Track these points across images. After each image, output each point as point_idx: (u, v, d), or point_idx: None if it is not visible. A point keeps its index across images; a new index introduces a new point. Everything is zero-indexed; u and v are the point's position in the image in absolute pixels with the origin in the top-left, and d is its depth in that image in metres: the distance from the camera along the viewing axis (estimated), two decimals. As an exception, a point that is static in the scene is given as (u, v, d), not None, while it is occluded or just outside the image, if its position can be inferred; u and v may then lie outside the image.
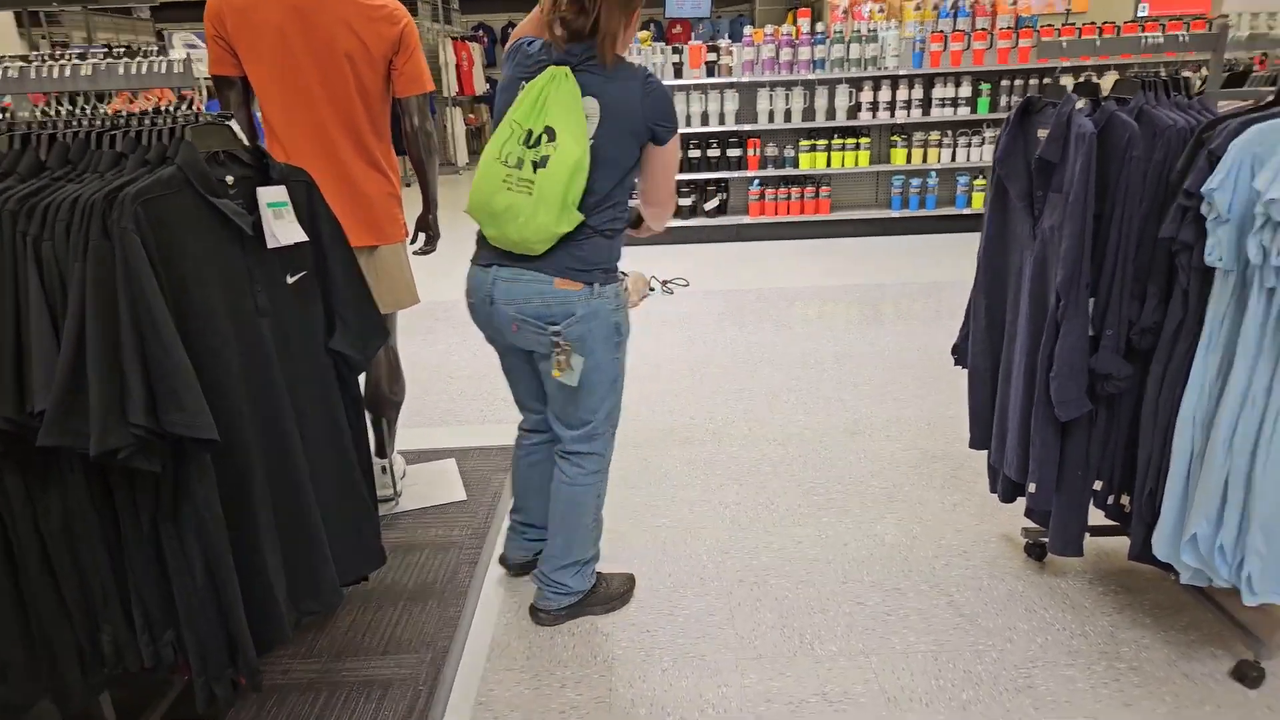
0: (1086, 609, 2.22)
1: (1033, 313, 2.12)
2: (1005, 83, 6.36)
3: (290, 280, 1.55)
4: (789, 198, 6.49)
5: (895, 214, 6.61)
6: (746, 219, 6.58)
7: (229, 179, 1.42)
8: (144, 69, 1.43)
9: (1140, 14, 9.49)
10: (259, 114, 2.48)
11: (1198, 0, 6.71)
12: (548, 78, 1.83)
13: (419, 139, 2.56)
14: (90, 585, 1.39)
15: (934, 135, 6.44)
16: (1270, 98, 1.82)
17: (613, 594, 2.30)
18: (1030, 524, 2.45)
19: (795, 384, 3.80)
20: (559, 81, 1.82)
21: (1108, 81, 2.15)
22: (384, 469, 2.85)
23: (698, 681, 2.01)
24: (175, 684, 1.92)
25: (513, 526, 2.43)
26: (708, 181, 6.60)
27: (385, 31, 2.39)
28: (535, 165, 1.79)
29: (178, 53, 2.66)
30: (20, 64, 1.39)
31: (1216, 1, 6.85)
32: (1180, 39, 2.14)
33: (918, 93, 6.36)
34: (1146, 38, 2.15)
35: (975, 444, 2.48)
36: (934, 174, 6.53)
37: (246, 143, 1.52)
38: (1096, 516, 2.20)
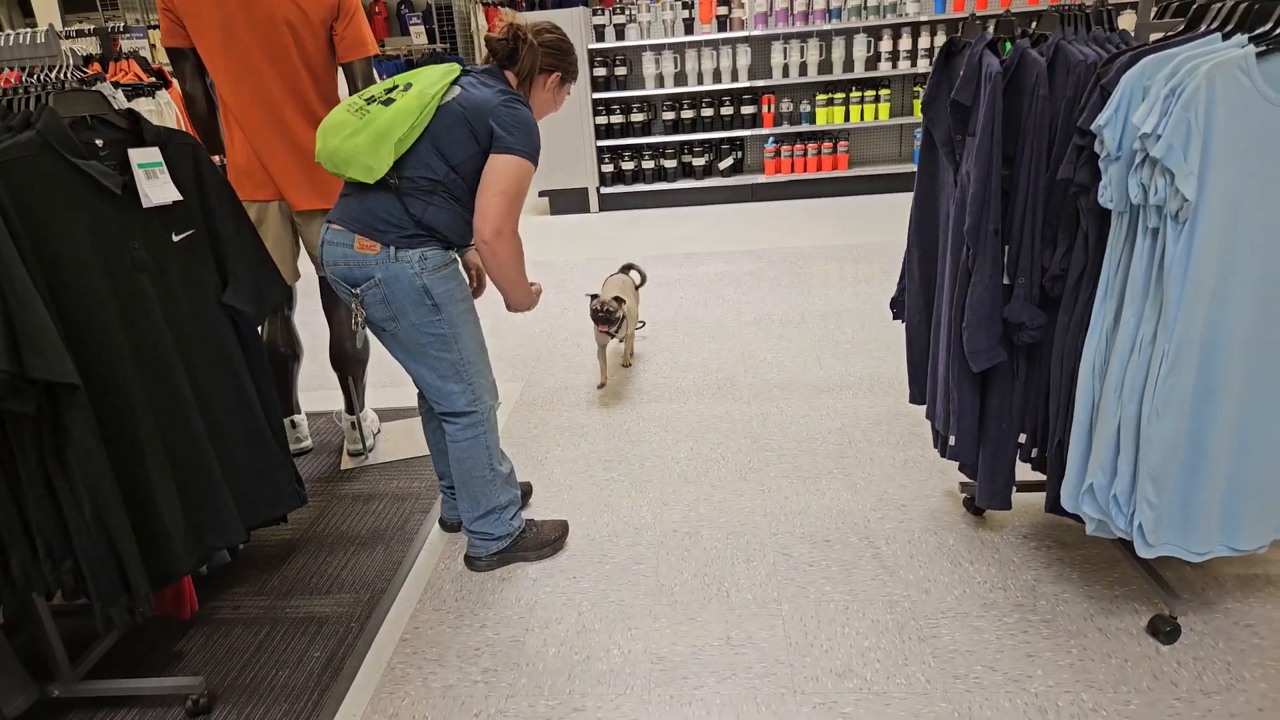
0: (1014, 563, 2.20)
1: (954, 262, 2.08)
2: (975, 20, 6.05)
3: (176, 238, 1.64)
4: (805, 154, 6.37)
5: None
6: (761, 178, 6.49)
7: (99, 141, 1.51)
8: (7, 41, 1.52)
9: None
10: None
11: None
12: (442, 68, 2.01)
13: (364, 103, 2.62)
14: (-4, 516, 1.52)
15: (958, 85, 6.20)
16: (1182, 27, 1.73)
17: (544, 540, 2.37)
18: (967, 479, 2.42)
19: (776, 343, 3.78)
20: (443, 68, 2.00)
21: (1127, 19, 2.06)
22: (353, 424, 2.98)
23: (610, 625, 2.07)
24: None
25: (443, 489, 2.52)
26: (721, 140, 6.53)
27: (323, -2, 2.45)
28: (381, 103, 1.91)
29: (161, 22, 2.76)
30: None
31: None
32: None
33: (940, 40, 6.12)
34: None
35: (914, 399, 2.45)
36: (958, 126, 6.30)
37: (175, 116, 1.61)
38: (1034, 471, 2.16)
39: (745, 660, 1.92)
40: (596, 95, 6.35)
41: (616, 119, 6.40)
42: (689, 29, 6.28)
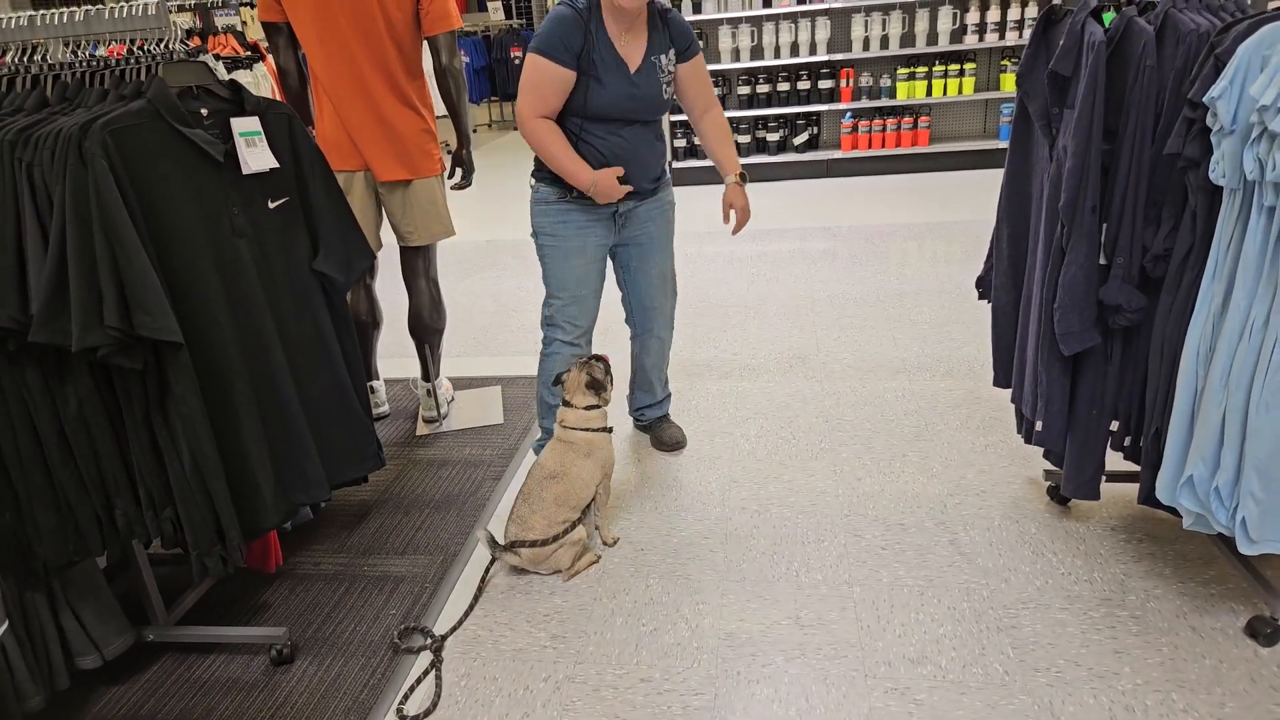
0: (1101, 556, 2.12)
1: (1047, 241, 2.00)
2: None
3: (272, 205, 1.69)
4: (884, 129, 6.19)
5: (1004, 144, 6.13)
6: (838, 153, 6.34)
7: (203, 111, 1.57)
8: (121, 14, 1.58)
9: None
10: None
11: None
12: None
13: (448, 76, 2.65)
14: (104, 466, 1.61)
15: (1050, 58, 5.92)
16: (1313, -8, 1.61)
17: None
18: (1052, 466, 2.33)
19: (850, 322, 3.71)
20: None
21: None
22: (429, 392, 3.05)
23: (678, 598, 2.08)
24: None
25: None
26: (797, 115, 6.39)
27: (411, -28, 2.48)
28: None
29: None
30: (29, 14, 1.57)
31: None
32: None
33: (1032, 11, 5.85)
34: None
35: (998, 382, 2.37)
36: (1048, 101, 6.03)
37: (270, 87, 1.65)
38: (1125, 461, 2.08)
39: (814, 641, 1.91)
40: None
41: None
42: (767, 2, 6.15)
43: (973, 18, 5.91)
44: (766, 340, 3.60)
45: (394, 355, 3.73)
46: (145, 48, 1.55)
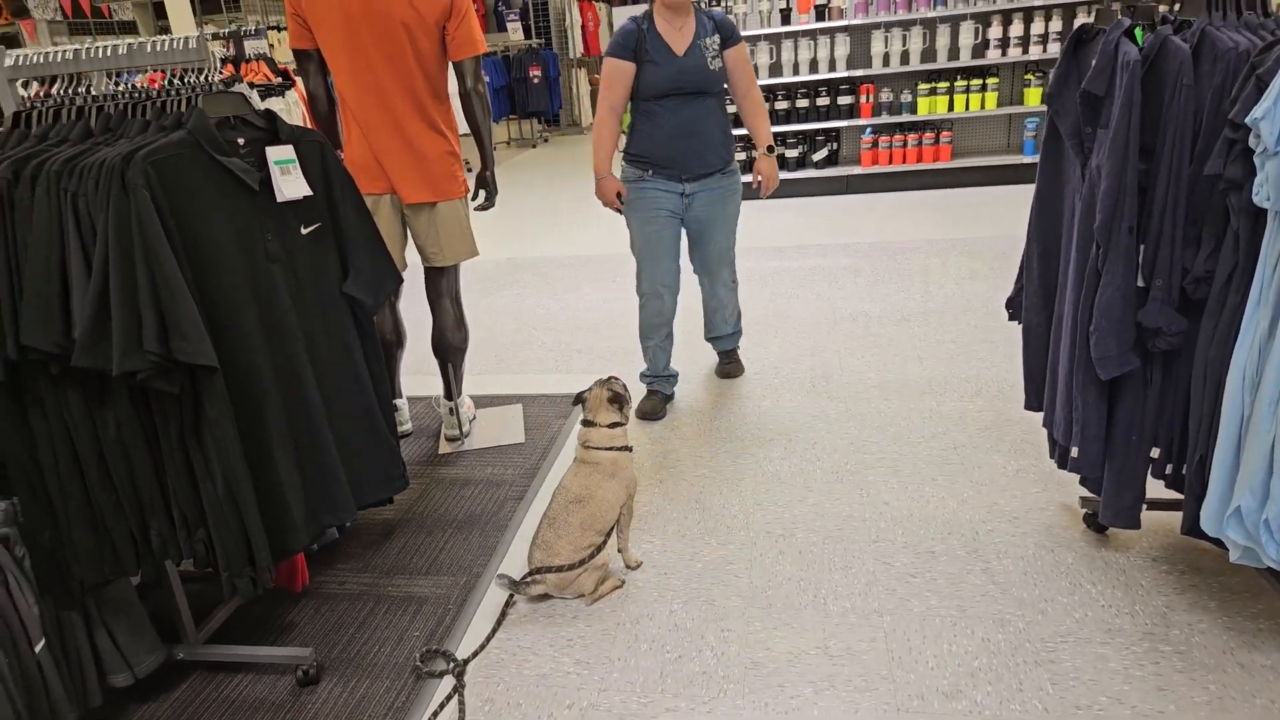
0: (1142, 587, 2.07)
1: (1080, 261, 1.96)
2: (1166, 8, 5.70)
3: (304, 231, 1.70)
4: (905, 145, 6.17)
5: (1029, 159, 6.12)
6: (858, 169, 6.32)
7: (240, 140, 1.58)
8: (163, 46, 1.60)
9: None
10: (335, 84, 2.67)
11: None
12: None
13: (473, 99, 2.67)
14: (140, 487, 1.62)
15: (1074, 74, 5.88)
16: (1357, 12, 1.58)
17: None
18: (1090, 493, 2.29)
19: (873, 341, 3.68)
20: None
21: None
22: (451, 410, 3.05)
23: (702, 625, 2.05)
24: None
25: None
26: (816, 131, 6.38)
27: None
28: None
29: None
30: (75, 48, 1.61)
31: None
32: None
33: (1056, 25, 5.82)
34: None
35: (1030, 405, 2.34)
36: (1072, 117, 5.98)
37: (301, 114, 1.67)
38: (1165, 489, 2.03)
39: (844, 673, 1.87)
40: (692, 86, 6.30)
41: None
42: (785, 19, 6.16)
43: (995, 32, 5.88)
44: (789, 359, 3.57)
45: (416, 373, 3.74)
46: (184, 78, 1.56)
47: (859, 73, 6.11)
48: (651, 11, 2.83)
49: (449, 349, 2.96)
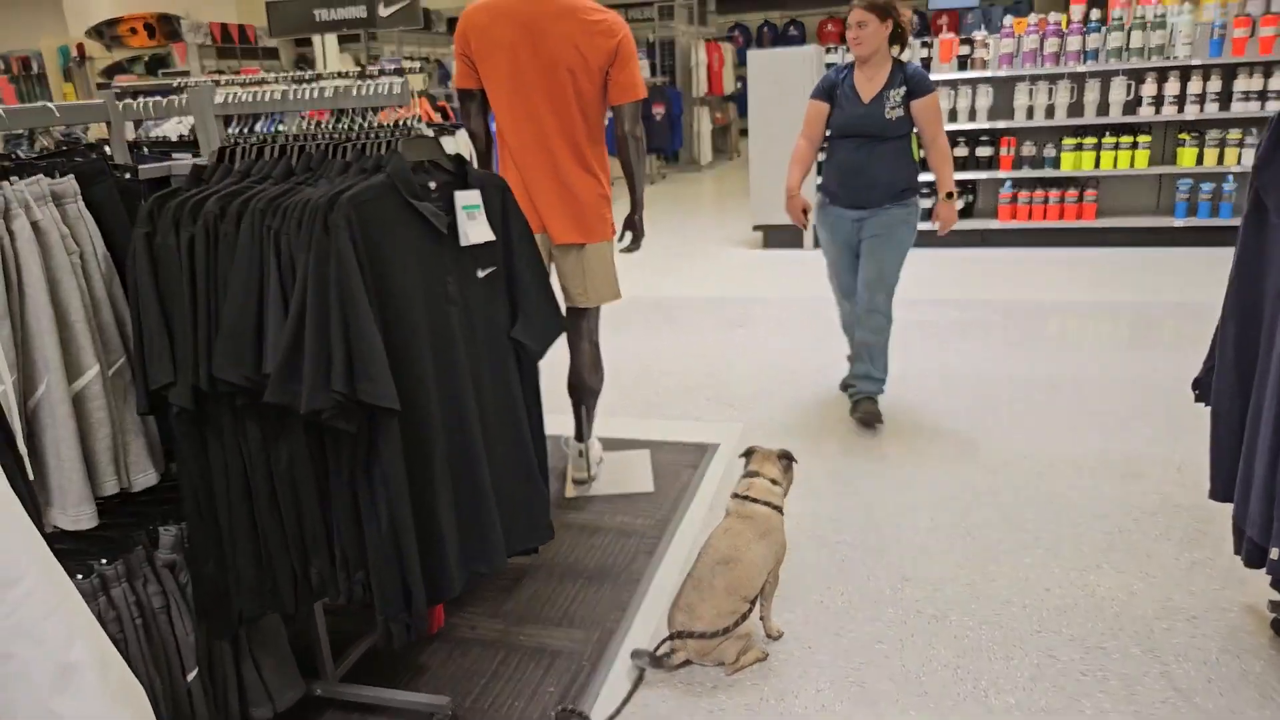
0: (1346, 708, 1.84)
1: (1298, 347, 1.78)
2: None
3: (481, 275, 1.71)
4: (1046, 201, 5.90)
5: (1179, 222, 5.77)
6: (995, 223, 6.08)
7: (432, 184, 1.61)
8: (368, 90, 1.66)
9: None
10: (494, 123, 2.74)
11: None
12: None
13: (630, 143, 2.69)
14: (305, 523, 1.64)
15: (1234, 133, 5.51)
16: None
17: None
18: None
19: (1022, 407, 3.47)
20: None
21: None
22: (580, 452, 3.03)
23: (852, 709, 1.93)
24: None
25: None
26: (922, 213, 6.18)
27: (603, 44, 2.54)
28: None
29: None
30: (282, 88, 1.68)
31: None
32: None
33: (1214, 85, 5.49)
34: None
35: (1216, 495, 2.13)
36: (1231, 177, 5.60)
37: (469, 152, 1.71)
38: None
39: (1012, 777, 1.72)
40: (820, 133, 6.24)
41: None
42: (926, 67, 6.01)
43: (1149, 89, 5.59)
44: (929, 421, 3.41)
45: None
46: (398, 121, 1.61)
47: (1000, 124, 5.91)
48: (854, 63, 3.29)
49: (585, 390, 2.95)
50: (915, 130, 3.27)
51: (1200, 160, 5.63)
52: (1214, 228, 5.68)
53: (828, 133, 3.37)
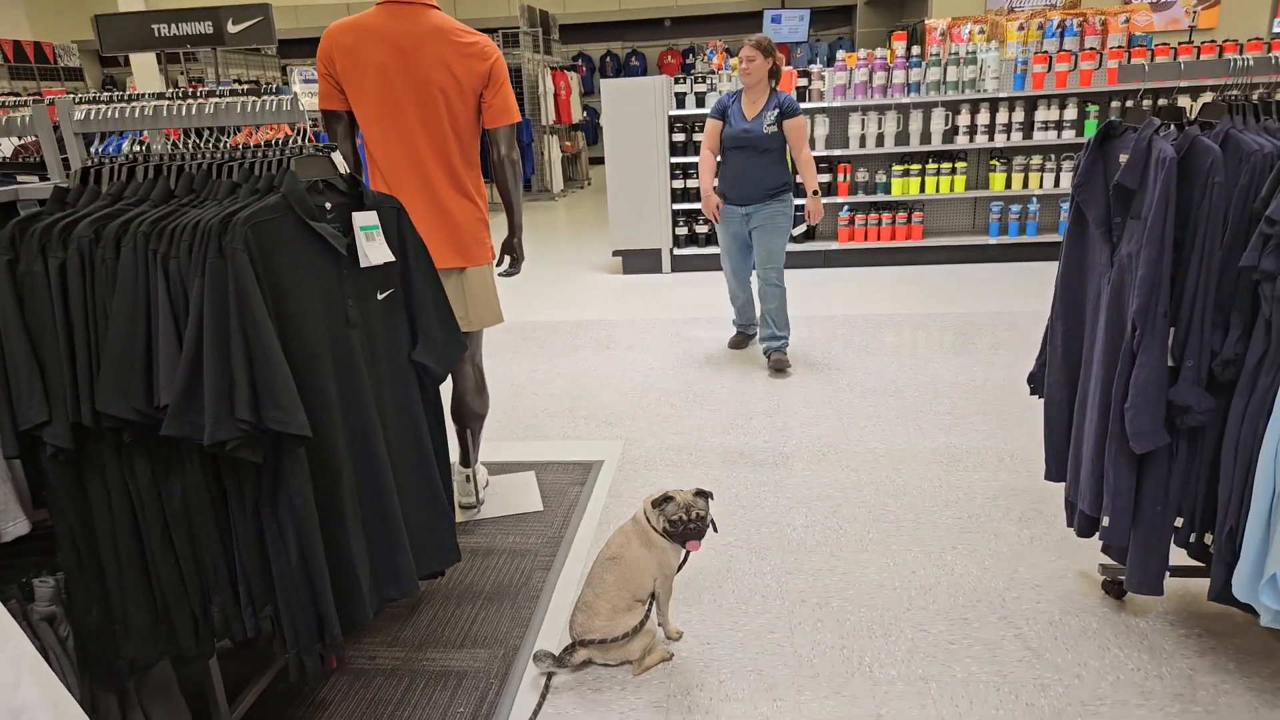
0: (1165, 650, 2.14)
1: (1109, 342, 2.08)
2: (1116, 104, 6.14)
3: (380, 296, 1.71)
4: (880, 223, 6.43)
5: (993, 240, 6.45)
6: (835, 245, 6.56)
7: (327, 205, 1.60)
8: (258, 107, 1.62)
9: (1277, 30, 8.97)
10: (362, 144, 2.70)
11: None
12: None
13: (506, 167, 2.72)
14: (204, 560, 1.57)
15: (1036, 159, 6.26)
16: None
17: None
18: (1108, 560, 2.38)
19: (873, 411, 3.78)
20: None
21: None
22: (467, 478, 3.01)
23: (754, 694, 2.05)
24: (277, 659, 2.10)
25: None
26: (796, 208, 6.60)
27: (477, 67, 2.57)
28: None
29: (296, 86, 2.95)
30: (155, 103, 1.60)
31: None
32: (1275, 60, 2.07)
33: (1019, 115, 6.21)
34: (1236, 60, 2.08)
35: (1051, 476, 2.43)
36: (1035, 199, 6.35)
37: (344, 171, 1.70)
38: (1180, 555, 2.13)
39: (901, 740, 1.88)
40: (674, 159, 6.50)
41: (693, 183, 6.54)
42: (768, 99, 6.43)
43: (963, 119, 6.24)
44: (794, 427, 3.64)
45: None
46: (278, 140, 1.58)
47: (837, 152, 6.39)
48: (741, 90, 4.22)
49: (469, 414, 2.94)
50: (787, 144, 4.20)
51: (1009, 184, 6.34)
52: (1022, 244, 6.40)
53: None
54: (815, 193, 4.26)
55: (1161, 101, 2.05)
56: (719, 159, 4.31)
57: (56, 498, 1.51)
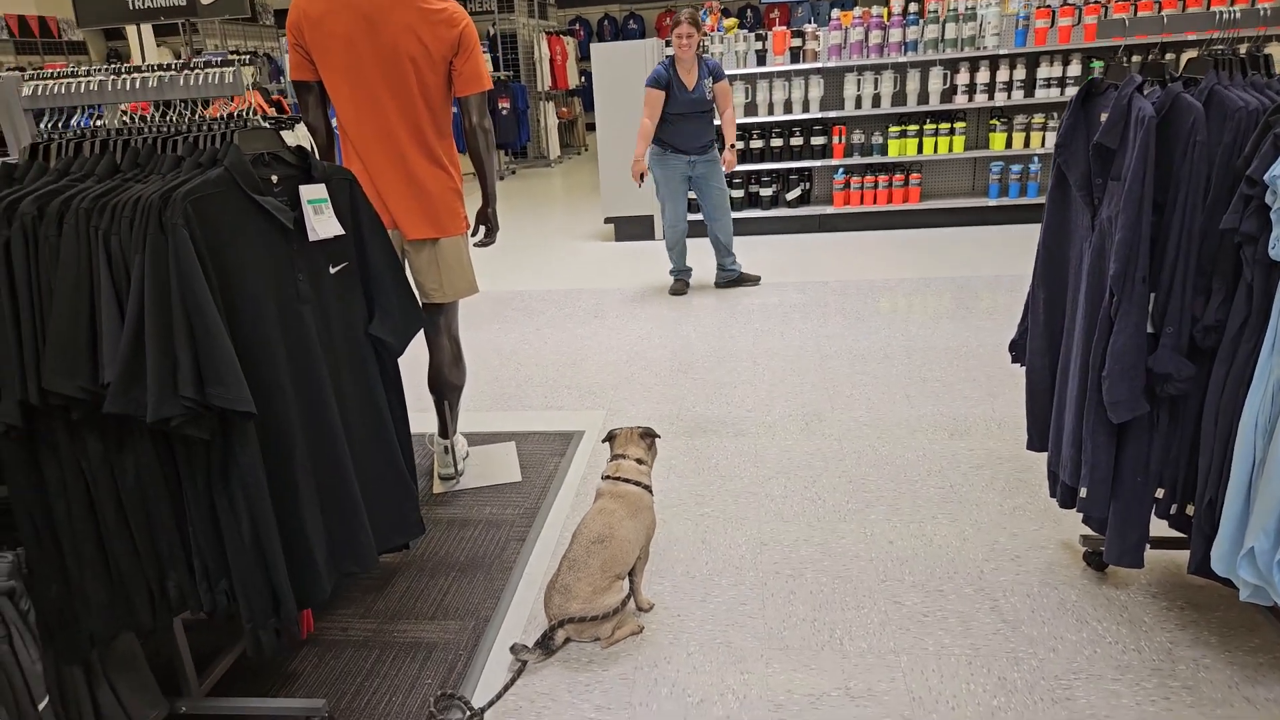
0: (1145, 624, 2.12)
1: (1089, 308, 2.03)
2: (1122, 60, 5.98)
3: (333, 271, 1.67)
4: (876, 186, 6.32)
5: (993, 202, 6.34)
6: (830, 209, 6.46)
7: (274, 178, 1.55)
8: (199, 80, 1.57)
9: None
10: (335, 116, 2.64)
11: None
12: None
13: (478, 135, 2.66)
14: (158, 536, 1.55)
15: (1038, 118, 6.12)
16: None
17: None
18: (1090, 531, 2.35)
19: (860, 379, 3.74)
20: None
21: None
22: (446, 449, 3.00)
23: (721, 667, 2.04)
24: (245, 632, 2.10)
25: None
26: (790, 171, 6.51)
27: (445, 34, 2.50)
28: None
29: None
30: (99, 79, 1.55)
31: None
32: (1263, 13, 1.98)
33: (1020, 73, 6.06)
34: (1222, 12, 2.00)
35: (1033, 445, 2.39)
36: (1037, 159, 6.22)
37: (310, 146, 1.65)
38: (1163, 527, 2.09)
39: (867, 714, 1.88)
40: (667, 123, 6.39)
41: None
42: (761, 60, 6.30)
43: (962, 78, 6.09)
44: (779, 396, 3.60)
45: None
46: (236, 112, 1.53)
47: (832, 114, 6.26)
48: (673, 60, 4.81)
49: (446, 386, 2.91)
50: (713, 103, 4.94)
51: (1009, 144, 6.21)
52: (1023, 206, 6.29)
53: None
54: (733, 146, 5.02)
55: (1150, 57, 1.97)
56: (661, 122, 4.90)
57: (11, 475, 1.50)
